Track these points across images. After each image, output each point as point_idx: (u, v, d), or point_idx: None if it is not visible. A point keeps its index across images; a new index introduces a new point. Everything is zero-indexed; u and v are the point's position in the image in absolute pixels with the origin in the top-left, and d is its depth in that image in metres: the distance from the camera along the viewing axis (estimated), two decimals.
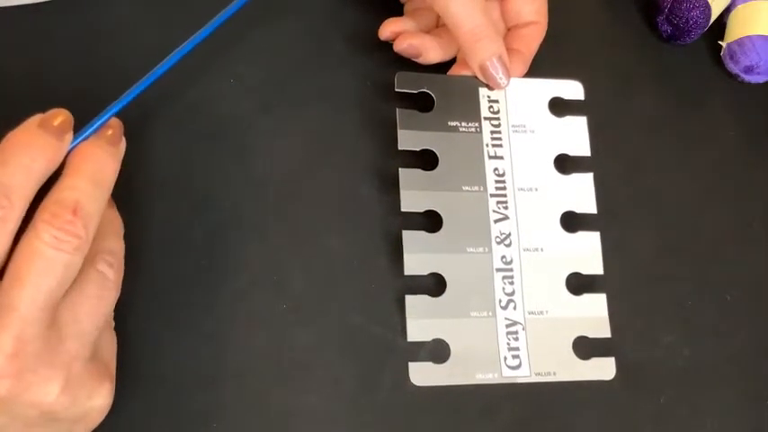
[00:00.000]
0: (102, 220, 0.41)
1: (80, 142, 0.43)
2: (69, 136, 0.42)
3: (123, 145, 0.45)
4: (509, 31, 0.58)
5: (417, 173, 0.53)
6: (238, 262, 0.52)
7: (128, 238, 0.45)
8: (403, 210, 0.52)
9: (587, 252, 0.55)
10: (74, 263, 0.39)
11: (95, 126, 0.44)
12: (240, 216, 0.52)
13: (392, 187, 0.53)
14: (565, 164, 0.56)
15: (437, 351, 0.51)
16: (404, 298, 0.51)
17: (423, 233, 0.52)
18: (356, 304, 0.52)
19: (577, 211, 0.55)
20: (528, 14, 0.57)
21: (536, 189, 0.55)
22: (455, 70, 0.56)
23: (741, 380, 0.57)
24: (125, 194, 0.51)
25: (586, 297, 0.54)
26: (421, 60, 0.56)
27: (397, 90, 0.54)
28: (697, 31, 0.63)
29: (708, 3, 0.62)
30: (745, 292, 0.59)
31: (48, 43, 0.54)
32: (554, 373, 0.52)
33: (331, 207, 0.54)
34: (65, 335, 0.40)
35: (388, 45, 0.57)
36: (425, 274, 0.52)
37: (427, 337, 0.51)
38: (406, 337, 0.50)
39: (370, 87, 0.58)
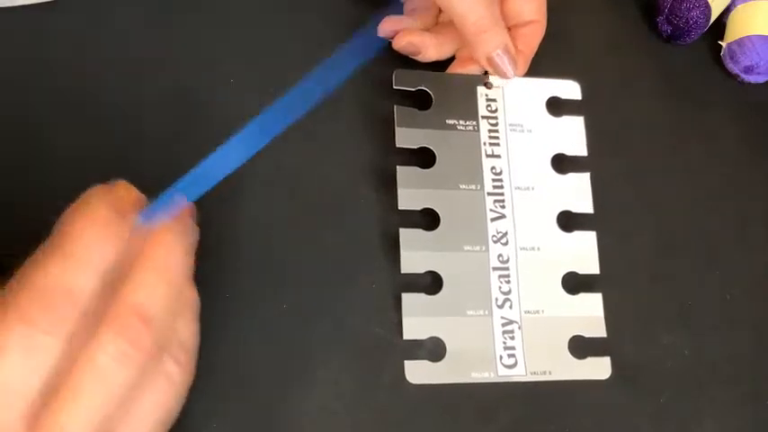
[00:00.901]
0: (181, 302, 0.39)
1: (149, 222, 0.38)
2: (136, 217, 0.38)
3: (197, 233, 0.41)
4: (509, 30, 0.58)
5: (415, 171, 0.53)
6: (238, 261, 0.52)
7: None
8: (400, 208, 0.52)
9: (584, 252, 0.55)
10: (136, 380, 0.35)
11: (164, 202, 0.40)
12: (239, 215, 0.52)
13: (389, 185, 0.53)
14: (562, 163, 0.56)
15: (433, 349, 0.51)
16: (400, 296, 0.51)
17: (420, 231, 0.52)
18: (353, 302, 0.52)
19: (574, 210, 0.55)
20: (528, 13, 0.57)
21: (533, 188, 0.55)
22: (453, 68, 0.57)
23: (741, 380, 0.57)
24: None
25: (582, 296, 0.54)
26: (420, 58, 0.56)
27: (395, 87, 0.54)
28: (697, 31, 0.63)
29: (708, 3, 0.62)
30: (745, 292, 0.59)
31: (47, 43, 0.54)
32: (549, 373, 0.52)
33: (328, 204, 0.54)
34: None
35: (387, 44, 0.57)
36: (422, 272, 0.52)
37: (423, 336, 0.51)
38: (402, 336, 0.50)
39: (368, 85, 0.58)
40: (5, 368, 0.34)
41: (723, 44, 0.65)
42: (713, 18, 0.64)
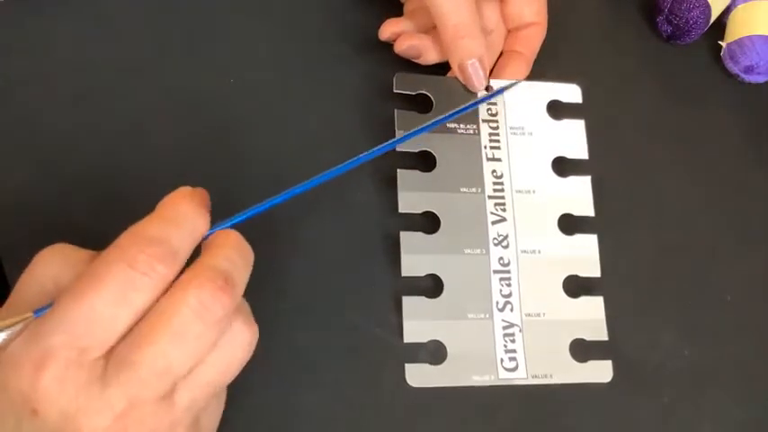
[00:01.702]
0: None
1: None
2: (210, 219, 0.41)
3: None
4: (509, 32, 0.58)
5: (415, 174, 0.53)
6: None
7: None
8: (401, 211, 0.52)
9: (585, 254, 0.55)
10: (208, 338, 0.37)
11: (232, 222, 0.42)
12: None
13: (390, 188, 0.53)
14: (563, 166, 0.56)
15: (434, 353, 0.51)
16: (401, 299, 0.51)
17: (420, 234, 0.52)
18: (354, 305, 0.52)
19: (575, 213, 0.55)
20: (528, 16, 0.57)
21: (534, 191, 0.55)
22: (454, 72, 0.56)
23: (741, 380, 0.57)
24: (124, 194, 0.52)
25: (584, 300, 0.54)
26: (421, 61, 0.56)
27: (395, 91, 0.54)
28: (697, 31, 0.63)
29: (708, 3, 0.62)
30: (745, 292, 0.59)
31: (47, 43, 0.54)
32: (551, 376, 0.52)
33: (329, 208, 0.54)
34: (176, 409, 0.37)
35: (387, 45, 0.57)
36: (423, 275, 0.52)
37: (424, 339, 0.51)
38: (403, 339, 0.51)
39: (369, 87, 0.58)
40: (99, 299, 0.35)
41: (723, 44, 0.65)
42: (713, 18, 0.64)
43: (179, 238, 0.37)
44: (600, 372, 0.53)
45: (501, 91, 0.56)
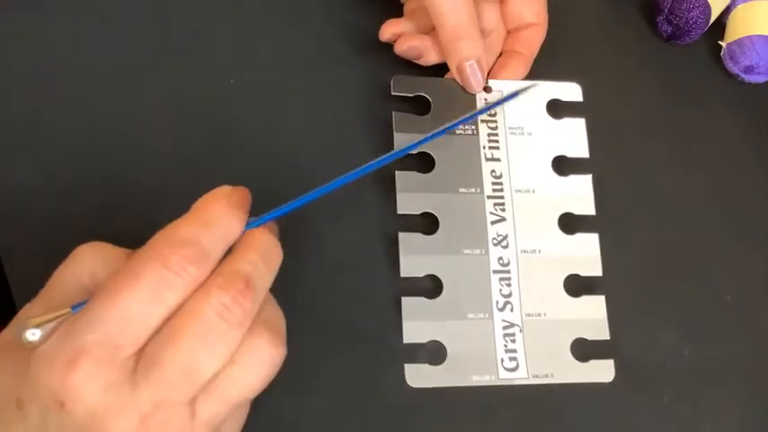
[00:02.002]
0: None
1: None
2: (247, 216, 0.41)
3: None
4: (509, 33, 0.58)
5: (414, 175, 0.53)
6: None
7: (128, 240, 0.45)
8: (399, 212, 0.52)
9: (586, 254, 0.55)
10: (231, 339, 0.37)
11: (261, 221, 0.42)
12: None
13: (389, 189, 0.53)
14: (563, 165, 0.56)
15: (434, 353, 0.51)
16: (400, 300, 0.51)
17: (419, 235, 0.52)
18: (353, 306, 0.52)
19: (576, 212, 0.55)
20: (528, 16, 0.57)
21: (533, 191, 0.55)
22: (452, 74, 0.56)
23: (741, 380, 0.57)
24: (125, 194, 0.52)
25: (585, 299, 0.54)
26: (421, 62, 0.56)
27: (393, 93, 0.54)
28: (697, 31, 0.63)
29: (708, 3, 0.62)
30: (745, 292, 0.59)
31: (47, 43, 0.54)
32: (551, 375, 0.52)
33: (328, 208, 0.54)
34: (198, 420, 0.37)
35: (387, 45, 0.57)
36: (422, 275, 0.52)
37: (424, 339, 0.51)
38: (402, 339, 0.51)
39: (369, 87, 0.58)
40: (134, 297, 0.36)
41: (723, 44, 0.65)
42: (713, 18, 0.64)
43: (211, 241, 0.38)
44: (602, 371, 0.53)
45: (510, 97, 0.56)
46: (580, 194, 0.56)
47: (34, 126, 0.52)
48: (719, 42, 0.66)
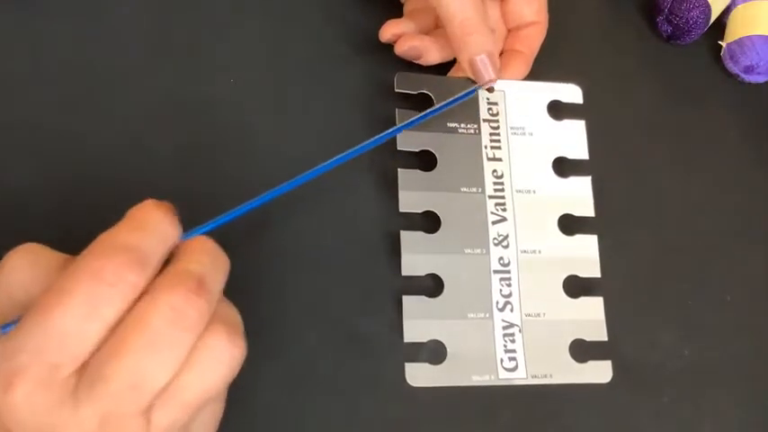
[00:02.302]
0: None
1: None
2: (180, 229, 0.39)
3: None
4: (510, 32, 0.58)
5: (416, 173, 0.53)
6: (238, 262, 0.52)
7: None
8: (401, 210, 0.52)
9: (585, 255, 0.55)
10: (183, 343, 0.35)
11: (204, 230, 0.41)
12: (239, 219, 0.52)
13: (391, 187, 0.53)
14: (563, 167, 0.56)
15: (434, 352, 0.51)
16: (401, 298, 0.51)
17: (421, 234, 0.52)
18: (354, 304, 0.52)
19: (575, 214, 0.56)
20: (528, 15, 0.57)
21: (534, 191, 0.55)
22: (456, 72, 0.57)
23: (741, 380, 0.57)
24: (124, 194, 0.52)
25: (583, 300, 0.54)
26: (422, 62, 0.56)
27: (396, 90, 0.54)
28: (697, 31, 0.63)
29: (708, 3, 0.62)
30: (745, 292, 0.59)
31: (47, 43, 0.54)
32: (550, 376, 0.52)
33: (330, 207, 0.54)
34: (155, 426, 0.35)
35: (387, 45, 0.57)
36: (423, 274, 0.52)
37: (424, 338, 0.51)
38: (402, 338, 0.51)
39: (369, 87, 0.58)
40: (68, 314, 0.34)
41: (723, 44, 0.65)
42: (713, 18, 0.64)
43: (149, 245, 0.36)
44: (599, 372, 0.53)
45: (458, 100, 0.55)
46: (580, 196, 0.56)
47: (34, 126, 0.52)
48: (719, 42, 0.66)
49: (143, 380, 0.34)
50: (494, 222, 0.53)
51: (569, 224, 0.55)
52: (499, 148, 0.55)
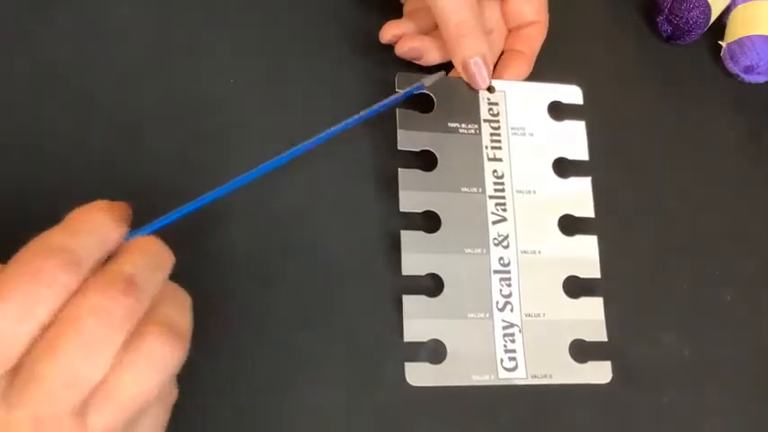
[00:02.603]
0: (163, 292, 0.38)
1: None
2: (128, 228, 0.39)
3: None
4: (510, 32, 0.58)
5: (416, 173, 0.53)
6: (238, 261, 0.52)
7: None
8: (401, 210, 0.52)
9: (585, 255, 0.55)
10: (113, 341, 0.35)
11: (149, 229, 0.41)
12: (240, 216, 0.52)
13: (391, 187, 0.53)
14: (563, 167, 0.56)
15: (434, 352, 0.51)
16: (401, 298, 0.51)
17: (421, 233, 0.52)
18: (354, 304, 0.52)
19: (575, 214, 0.56)
20: (529, 14, 0.57)
21: (534, 192, 0.55)
22: (456, 72, 0.56)
23: (741, 380, 0.57)
24: (125, 193, 0.52)
25: (583, 300, 0.54)
26: (422, 62, 0.56)
27: (397, 90, 0.54)
28: (697, 31, 0.63)
29: (708, 3, 0.62)
30: (745, 292, 0.59)
31: (47, 43, 0.54)
32: (550, 376, 0.52)
33: (330, 206, 0.54)
34: (90, 428, 0.35)
35: (387, 45, 0.57)
36: (423, 274, 0.52)
37: (424, 338, 0.51)
38: (402, 337, 0.51)
39: (370, 88, 0.58)
40: (1, 315, 0.34)
41: (723, 44, 0.65)
42: (713, 18, 0.64)
43: (83, 247, 0.36)
44: (599, 372, 0.53)
45: (408, 93, 0.54)
46: (580, 197, 0.56)
47: (34, 126, 0.52)
48: (719, 42, 0.66)
49: (75, 378, 0.34)
50: (494, 222, 0.53)
51: (569, 224, 0.55)
52: (500, 148, 0.55)
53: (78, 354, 0.34)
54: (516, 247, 0.53)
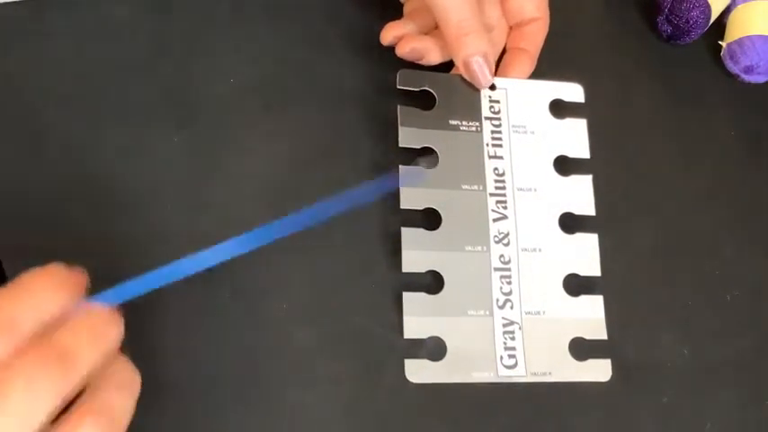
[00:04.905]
0: (110, 373, 0.38)
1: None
2: (80, 296, 0.38)
3: (122, 328, 0.39)
4: (512, 29, 0.58)
5: (417, 170, 0.53)
6: (238, 261, 0.52)
7: (126, 240, 0.45)
8: (402, 207, 0.52)
9: (585, 253, 0.55)
10: (41, 413, 0.34)
11: (103, 301, 0.39)
12: (240, 215, 0.52)
13: None
14: (564, 165, 0.56)
15: (434, 349, 0.51)
16: (401, 295, 0.51)
17: (421, 230, 0.52)
18: (355, 302, 0.52)
19: (576, 212, 0.56)
20: (529, 11, 0.57)
21: (535, 189, 0.55)
22: (457, 70, 0.56)
23: (741, 380, 0.57)
24: (124, 194, 0.52)
25: (584, 298, 0.54)
26: (423, 62, 0.56)
27: (399, 87, 0.54)
28: (697, 31, 0.63)
29: (708, 3, 0.62)
30: (745, 292, 0.59)
31: (47, 43, 0.54)
32: (550, 374, 0.52)
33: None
34: None
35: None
36: (423, 271, 0.52)
37: (424, 335, 0.51)
38: (403, 335, 0.50)
39: (370, 86, 0.58)
40: None
41: (723, 44, 0.66)
42: (713, 18, 0.64)
43: (19, 312, 0.35)
44: (599, 371, 0.53)
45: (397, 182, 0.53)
46: (581, 195, 0.56)
47: (34, 126, 0.52)
48: (719, 42, 0.66)
49: None
50: (495, 220, 0.53)
51: (570, 222, 0.55)
52: (501, 146, 0.55)
53: (1, 423, 0.33)
54: (517, 245, 0.53)
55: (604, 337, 0.54)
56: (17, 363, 0.34)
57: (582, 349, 0.53)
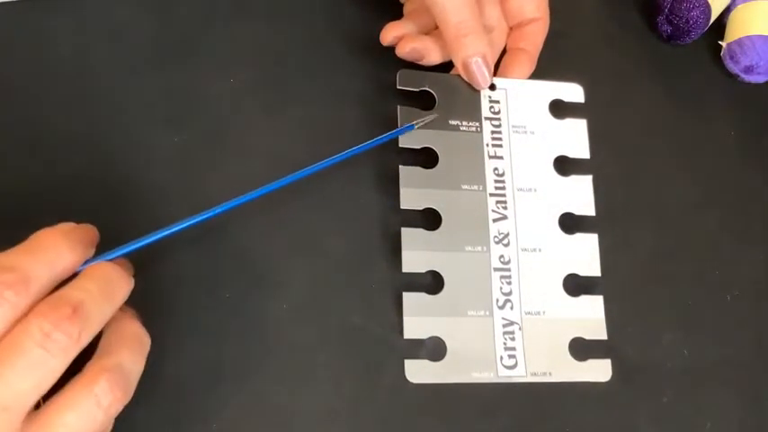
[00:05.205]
0: (122, 332, 0.40)
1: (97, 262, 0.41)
2: (91, 252, 0.41)
3: (132, 283, 0.42)
4: (512, 30, 0.58)
5: (417, 171, 0.53)
6: (238, 262, 0.52)
7: (127, 239, 0.45)
8: (402, 207, 0.52)
9: (585, 254, 0.55)
10: (57, 367, 0.36)
11: (113, 255, 0.42)
12: (240, 215, 0.52)
13: (392, 184, 0.53)
14: (564, 165, 0.56)
15: (434, 349, 0.51)
16: (401, 295, 0.51)
17: (421, 231, 0.52)
18: (355, 302, 0.52)
19: (576, 212, 0.56)
20: (529, 12, 0.57)
21: (535, 190, 0.55)
22: (457, 70, 0.56)
23: (741, 380, 0.57)
24: (124, 194, 0.52)
25: (584, 299, 0.54)
26: (423, 62, 0.56)
27: (399, 88, 0.54)
28: (697, 31, 0.63)
29: (708, 3, 0.62)
30: (745, 292, 0.59)
31: (47, 43, 0.54)
32: (550, 374, 0.52)
33: (331, 204, 0.54)
34: None
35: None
36: (423, 271, 0.52)
37: (424, 335, 0.51)
38: (403, 335, 0.50)
39: (370, 86, 0.58)
40: None
41: (723, 44, 0.66)
42: (713, 18, 0.64)
43: (33, 267, 0.37)
44: (599, 371, 0.53)
45: (410, 127, 0.54)
46: (580, 195, 0.56)
47: (34, 126, 0.52)
48: (719, 42, 0.66)
49: (13, 400, 0.35)
50: (494, 220, 0.53)
51: (570, 223, 0.55)
52: (500, 146, 0.55)
53: (16, 376, 0.35)
54: (517, 245, 0.53)
55: (604, 337, 0.54)
56: (32, 317, 0.36)
57: (582, 349, 0.53)
